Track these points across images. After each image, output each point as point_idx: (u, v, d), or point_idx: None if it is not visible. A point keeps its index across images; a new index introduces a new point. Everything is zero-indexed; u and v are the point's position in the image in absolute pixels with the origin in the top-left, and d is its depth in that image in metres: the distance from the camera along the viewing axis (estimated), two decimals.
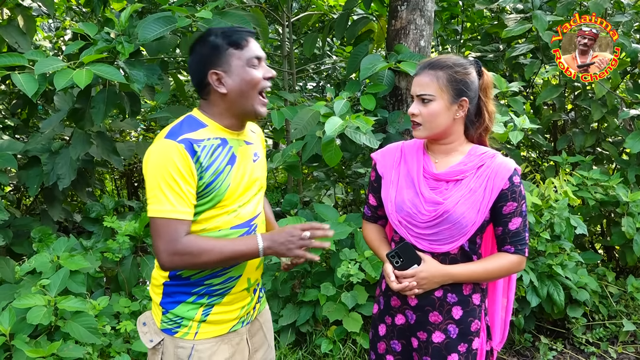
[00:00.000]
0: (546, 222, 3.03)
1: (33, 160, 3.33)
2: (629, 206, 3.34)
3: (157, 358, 1.58)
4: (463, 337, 1.64)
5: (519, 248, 1.62)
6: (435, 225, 1.59)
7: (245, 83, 1.49)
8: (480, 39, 4.75)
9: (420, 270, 1.57)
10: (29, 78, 2.54)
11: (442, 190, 1.61)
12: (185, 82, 4.73)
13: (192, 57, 1.54)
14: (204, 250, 1.43)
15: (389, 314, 1.75)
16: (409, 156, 1.70)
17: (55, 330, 2.49)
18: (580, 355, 3.27)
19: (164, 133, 1.47)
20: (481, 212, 1.58)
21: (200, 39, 1.53)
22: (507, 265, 1.62)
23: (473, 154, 1.63)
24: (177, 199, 1.42)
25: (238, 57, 1.49)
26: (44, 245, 2.96)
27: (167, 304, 1.56)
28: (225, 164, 1.50)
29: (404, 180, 1.67)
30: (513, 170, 1.59)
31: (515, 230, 1.61)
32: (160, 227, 1.42)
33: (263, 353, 1.77)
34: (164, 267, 1.46)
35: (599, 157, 4.16)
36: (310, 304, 3.05)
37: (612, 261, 4.12)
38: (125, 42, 2.71)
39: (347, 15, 3.92)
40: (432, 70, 1.57)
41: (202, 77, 1.51)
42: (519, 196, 1.60)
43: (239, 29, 1.51)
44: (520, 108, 3.48)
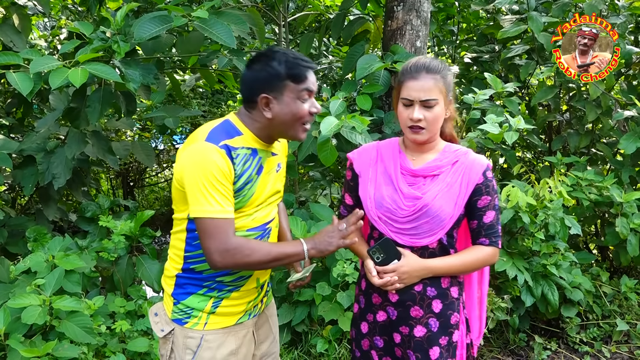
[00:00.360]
0: (541, 222, 3.05)
1: (28, 159, 3.32)
2: (622, 207, 3.36)
3: (167, 347, 1.64)
4: (444, 330, 1.69)
5: (493, 240, 1.69)
6: (414, 219, 1.64)
7: (291, 115, 1.54)
8: (476, 39, 4.76)
9: (401, 265, 1.61)
10: (24, 77, 2.53)
11: (420, 186, 1.67)
12: (181, 81, 4.73)
13: (249, 73, 1.56)
14: (254, 250, 1.49)
15: (371, 311, 1.78)
16: (386, 155, 1.75)
17: (50, 329, 2.49)
18: (574, 354, 3.29)
19: (203, 135, 1.50)
20: (458, 205, 1.64)
21: (262, 58, 1.55)
22: (483, 257, 1.69)
23: (447, 151, 1.71)
24: (223, 199, 1.47)
25: (292, 90, 1.53)
26: (39, 245, 2.96)
27: (179, 294, 1.62)
28: (254, 173, 1.56)
29: (382, 178, 1.71)
30: (486, 166, 1.67)
31: (489, 223, 1.68)
32: (211, 227, 1.46)
33: (268, 345, 1.84)
34: (216, 266, 1.49)
35: (593, 157, 4.18)
36: (306, 304, 3.06)
37: (606, 261, 4.14)
38: (121, 41, 2.71)
39: (344, 16, 3.92)
40: (431, 74, 1.61)
41: (252, 95, 1.55)
42: (492, 190, 1.67)
43: (302, 62, 1.54)
44: (516, 109, 3.49)
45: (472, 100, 3.18)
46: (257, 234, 1.62)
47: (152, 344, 2.68)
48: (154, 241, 4.08)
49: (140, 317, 2.96)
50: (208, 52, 3.41)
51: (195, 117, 5.42)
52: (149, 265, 3.12)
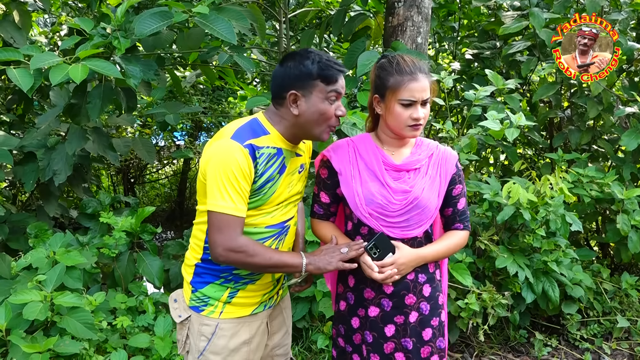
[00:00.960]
0: (542, 219, 3.04)
1: (29, 155, 3.32)
2: (624, 203, 3.36)
3: (183, 333, 1.72)
4: (434, 311, 1.78)
5: (466, 224, 1.84)
6: (406, 212, 1.71)
7: (318, 114, 1.59)
8: (477, 36, 4.75)
9: (398, 257, 1.68)
10: (24, 73, 2.53)
11: (405, 180, 1.73)
12: (181, 78, 4.72)
13: (281, 69, 1.60)
14: (256, 252, 1.54)
15: (362, 306, 1.79)
16: (363, 151, 1.77)
17: (51, 325, 2.49)
18: (575, 351, 3.29)
19: (230, 133, 1.55)
20: (440, 196, 1.76)
21: (296, 56, 1.59)
22: (460, 241, 1.82)
23: (420, 145, 1.81)
24: (238, 198, 1.52)
25: (321, 90, 1.57)
26: (40, 241, 2.96)
27: (197, 283, 1.68)
28: (277, 172, 1.61)
29: (365, 174, 1.74)
30: (457, 156, 1.83)
31: (462, 209, 1.82)
32: (221, 222, 1.52)
33: (280, 337, 1.88)
34: (218, 260, 1.55)
35: (594, 154, 4.17)
36: (307, 300, 3.06)
37: (606, 258, 4.14)
38: (122, 37, 2.70)
39: (344, 12, 3.91)
40: (424, 74, 1.68)
41: (282, 91, 1.59)
42: (462, 179, 1.83)
43: (335, 65, 1.58)
44: (517, 105, 3.49)
45: (473, 96, 3.18)
46: (276, 231, 1.66)
47: (153, 340, 2.69)
48: (155, 237, 4.08)
49: (141, 313, 2.97)
50: (209, 48, 3.41)
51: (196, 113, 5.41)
52: (150, 262, 3.12)
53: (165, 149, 7.45)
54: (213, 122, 6.58)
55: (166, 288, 3.33)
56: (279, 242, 1.69)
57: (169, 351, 2.66)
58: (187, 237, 3.45)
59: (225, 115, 6.06)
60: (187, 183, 7.37)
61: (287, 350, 1.93)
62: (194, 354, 1.69)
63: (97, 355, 2.55)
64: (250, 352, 1.70)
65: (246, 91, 4.85)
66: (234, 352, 1.66)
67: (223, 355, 1.66)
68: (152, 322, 2.87)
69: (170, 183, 7.91)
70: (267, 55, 4.86)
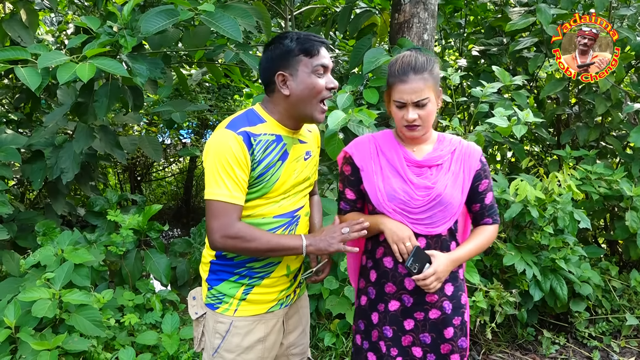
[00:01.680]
0: (550, 216, 3.03)
1: (36, 154, 3.34)
2: (632, 200, 3.33)
3: (199, 330, 1.74)
4: (456, 310, 1.76)
5: (495, 218, 1.82)
6: (429, 209, 1.69)
7: (308, 90, 1.57)
8: (483, 32, 4.72)
9: (437, 266, 1.64)
10: (32, 72, 2.54)
11: (428, 176, 1.72)
12: (187, 76, 4.73)
13: (265, 55, 1.61)
14: (254, 237, 1.53)
15: (382, 300, 1.79)
16: (385, 147, 1.77)
17: (60, 323, 2.51)
18: (583, 349, 3.28)
19: (225, 123, 1.57)
20: (464, 192, 1.73)
21: (275, 39, 1.60)
22: (490, 236, 1.80)
23: (442, 140, 1.78)
24: (233, 185, 1.52)
25: (305, 64, 1.57)
26: (48, 239, 2.97)
27: (212, 280, 1.69)
28: (277, 159, 1.60)
29: (387, 170, 1.73)
30: (481, 151, 1.79)
31: (490, 203, 1.80)
32: (217, 209, 1.52)
33: (296, 336, 1.87)
34: (215, 246, 1.55)
35: (602, 151, 4.14)
36: (314, 298, 3.06)
37: (615, 255, 4.11)
38: (128, 35, 2.71)
39: (350, 9, 3.90)
40: (419, 75, 1.63)
41: (270, 76, 1.59)
42: (488, 173, 1.80)
43: (313, 38, 1.58)
44: (524, 102, 3.46)
45: (480, 93, 3.16)
46: (285, 221, 1.65)
47: (160, 337, 2.70)
48: (162, 235, 4.10)
49: (148, 311, 2.98)
50: (215, 46, 3.41)
51: (202, 111, 5.41)
52: (157, 259, 3.13)
53: (172, 147, 7.47)
54: (219, 120, 6.59)
55: (173, 286, 3.35)
56: (290, 232, 1.68)
57: (177, 348, 2.67)
58: (194, 234, 3.46)
59: (231, 113, 6.06)
60: (193, 181, 7.39)
61: (304, 350, 1.92)
62: (209, 351, 1.69)
63: (105, 353, 2.56)
64: (264, 350, 1.70)
65: (252, 89, 4.85)
66: (248, 349, 1.66)
67: (237, 352, 1.66)
68: (159, 320, 2.88)
69: (177, 181, 7.93)
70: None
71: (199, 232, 3.47)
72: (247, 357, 1.67)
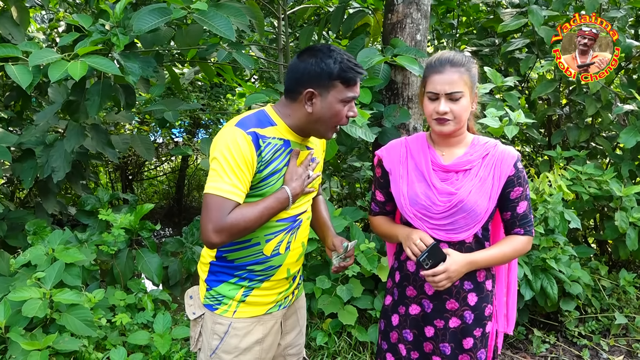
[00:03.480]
0: (540, 216, 3.05)
1: (27, 152, 3.32)
2: (622, 200, 3.37)
3: (196, 330, 1.72)
4: (478, 322, 1.71)
5: (527, 229, 1.72)
6: (450, 215, 1.66)
7: (331, 115, 1.56)
8: (475, 33, 4.75)
9: (449, 265, 1.61)
10: (23, 69, 2.52)
11: (453, 181, 1.67)
12: (180, 74, 4.71)
13: (301, 64, 1.55)
14: (243, 216, 1.48)
15: (403, 303, 1.78)
16: (415, 151, 1.75)
17: (50, 322, 2.49)
18: (573, 347, 3.31)
19: (235, 121, 1.55)
20: (492, 199, 1.66)
21: (318, 52, 1.55)
22: (520, 246, 1.71)
23: (476, 144, 1.71)
24: (236, 181, 1.49)
25: (339, 92, 1.54)
26: (38, 238, 2.95)
27: (211, 281, 1.67)
28: (283, 165, 1.58)
29: (413, 174, 1.72)
30: (516, 157, 1.69)
31: (523, 213, 1.70)
32: (214, 203, 1.48)
33: (294, 337, 1.87)
34: (212, 242, 1.49)
35: (593, 151, 4.18)
36: (306, 297, 3.05)
37: (604, 255, 4.15)
38: (120, 33, 2.69)
39: (343, 9, 3.90)
40: (455, 68, 1.62)
41: (298, 87, 1.56)
42: (523, 181, 1.69)
43: (356, 67, 1.55)
44: (516, 102, 3.49)
45: None
46: (287, 225, 1.65)
47: (152, 337, 2.69)
48: (153, 234, 4.08)
49: (140, 310, 2.97)
50: (207, 45, 3.40)
51: (194, 110, 5.40)
52: (149, 259, 3.12)
53: (164, 146, 7.45)
54: (211, 119, 6.57)
55: (165, 285, 3.33)
56: (292, 236, 1.67)
57: (168, 348, 2.66)
58: (186, 234, 3.45)
59: (223, 112, 6.05)
60: (185, 180, 7.37)
61: (300, 350, 1.92)
62: (206, 352, 1.68)
63: (96, 353, 2.54)
64: (262, 351, 1.69)
65: (244, 88, 4.84)
66: (246, 351, 1.66)
67: (235, 354, 1.65)
68: (151, 320, 2.87)
69: (169, 180, 7.90)
70: (266, 52, 4.85)
71: (191, 231, 3.46)
72: (245, 358, 1.66)
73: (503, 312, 1.87)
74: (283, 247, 1.66)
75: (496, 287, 1.83)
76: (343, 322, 2.89)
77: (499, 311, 1.85)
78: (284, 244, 1.65)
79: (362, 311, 3.10)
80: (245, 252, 1.62)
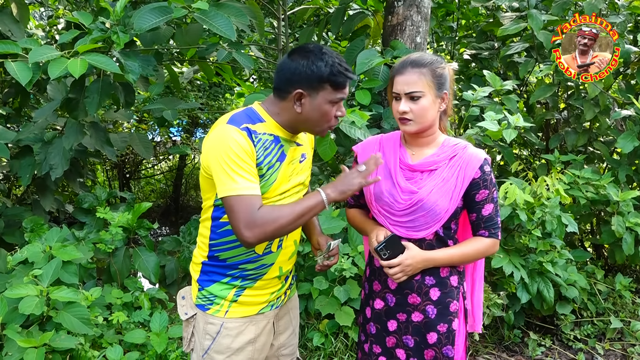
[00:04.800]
0: (538, 220, 3.06)
1: (25, 149, 3.31)
2: (619, 205, 3.38)
3: (189, 330, 1.72)
4: (442, 317, 1.73)
5: (493, 232, 1.74)
6: (411, 213, 1.69)
7: (320, 115, 1.57)
8: (475, 36, 4.76)
9: (405, 258, 1.65)
10: (23, 66, 2.52)
11: (417, 180, 1.71)
12: (179, 73, 4.70)
13: (292, 64, 1.56)
14: (279, 216, 1.48)
15: (372, 297, 1.83)
16: (387, 149, 1.80)
17: (47, 320, 2.48)
18: (568, 351, 3.32)
19: (225, 119, 1.54)
20: (453, 200, 1.68)
21: (310, 53, 1.55)
22: (483, 248, 1.73)
23: (446, 145, 1.74)
24: (247, 175, 1.48)
25: (328, 94, 1.55)
26: (36, 236, 2.95)
27: (204, 281, 1.67)
28: (275, 159, 1.58)
29: (382, 172, 1.75)
30: (483, 160, 1.70)
31: (488, 215, 1.72)
32: (236, 204, 1.46)
33: (286, 337, 1.87)
34: (248, 242, 1.48)
35: (590, 156, 4.19)
36: (303, 298, 3.06)
37: (601, 259, 4.16)
38: (121, 32, 2.69)
39: (344, 10, 3.91)
40: (416, 68, 1.65)
41: (288, 87, 1.56)
42: (490, 184, 1.71)
43: (346, 72, 1.56)
44: (514, 106, 3.50)
45: (471, 97, 3.19)
46: None
47: (148, 336, 2.69)
48: (150, 233, 4.08)
49: (137, 309, 2.97)
50: (207, 44, 3.40)
51: (193, 109, 5.39)
52: (146, 257, 3.12)
53: (161, 145, 7.44)
54: (210, 118, 6.57)
55: (162, 284, 3.33)
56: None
57: (165, 347, 2.66)
58: (183, 233, 3.45)
59: (222, 112, 6.05)
60: (182, 179, 7.36)
61: (294, 351, 1.92)
62: (199, 352, 1.68)
63: (92, 351, 2.54)
64: (255, 352, 1.69)
65: (243, 88, 4.84)
66: (238, 351, 1.66)
67: (227, 354, 1.65)
68: (147, 318, 2.87)
69: (166, 179, 7.89)
70: (265, 52, 4.85)
71: (189, 230, 3.46)
72: (237, 358, 1.66)
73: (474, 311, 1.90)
74: (275, 245, 1.66)
75: (467, 286, 1.87)
76: (340, 322, 2.89)
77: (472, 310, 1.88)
78: (275, 242, 1.66)
79: (359, 312, 3.11)
80: (237, 250, 1.62)
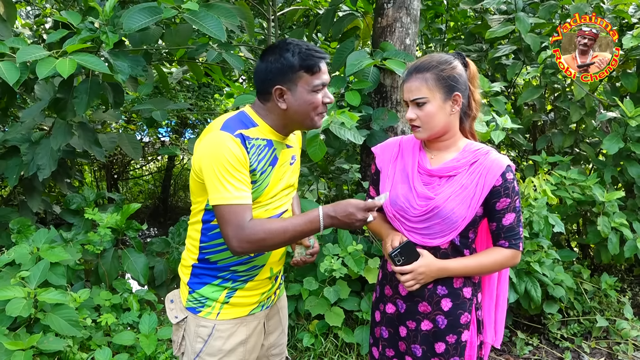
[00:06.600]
0: (525, 220, 3.10)
1: (12, 150, 3.27)
2: (604, 206, 3.43)
3: (179, 334, 1.70)
4: (452, 328, 1.68)
5: (513, 242, 1.65)
6: (426, 219, 1.64)
7: (305, 106, 1.55)
8: (463, 38, 4.80)
9: (419, 265, 1.60)
10: (10, 66, 2.49)
11: (435, 186, 1.65)
12: (168, 74, 4.68)
13: (263, 64, 1.55)
14: (269, 232, 1.47)
15: (382, 301, 1.82)
16: (406, 152, 1.76)
17: (35, 322, 2.46)
18: (555, 350, 3.36)
19: (218, 125, 1.52)
20: (472, 208, 1.61)
21: (275, 49, 1.55)
22: (501, 259, 1.65)
23: (467, 150, 1.67)
24: (240, 185, 1.48)
25: (306, 82, 1.53)
26: (23, 237, 2.92)
27: (194, 284, 1.66)
28: (268, 164, 1.58)
29: (399, 175, 1.73)
30: (506, 167, 1.61)
31: (509, 225, 1.64)
32: (227, 214, 1.47)
33: (276, 337, 1.88)
34: (236, 251, 1.49)
35: (577, 157, 4.25)
36: (293, 298, 3.07)
37: (587, 259, 4.22)
38: (110, 32, 2.67)
39: (333, 11, 3.92)
40: (419, 74, 1.60)
41: (266, 87, 1.55)
42: (512, 192, 1.62)
43: (315, 53, 1.53)
44: (502, 108, 3.53)
45: None
46: None
47: (137, 338, 2.67)
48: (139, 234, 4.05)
49: (125, 311, 2.95)
50: (197, 45, 3.39)
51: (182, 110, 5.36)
52: (135, 259, 3.10)
53: (150, 145, 7.39)
54: (199, 118, 6.55)
55: (151, 285, 3.31)
56: None
57: (154, 349, 2.64)
58: (172, 234, 3.43)
59: (211, 112, 6.03)
60: (171, 180, 7.32)
61: (283, 350, 1.93)
62: (190, 356, 1.67)
63: (81, 353, 2.52)
64: (246, 352, 1.69)
65: (232, 88, 4.83)
66: (230, 352, 1.65)
67: (219, 356, 1.64)
68: (136, 320, 2.85)
69: (154, 180, 7.84)
70: (255, 53, 4.84)
71: (178, 231, 3.44)
72: (229, 359, 1.65)
73: (491, 323, 1.83)
74: None
75: (484, 298, 1.81)
76: (330, 323, 2.90)
77: (487, 322, 1.82)
78: None
79: (349, 312, 3.12)
80: (229, 253, 1.60)
